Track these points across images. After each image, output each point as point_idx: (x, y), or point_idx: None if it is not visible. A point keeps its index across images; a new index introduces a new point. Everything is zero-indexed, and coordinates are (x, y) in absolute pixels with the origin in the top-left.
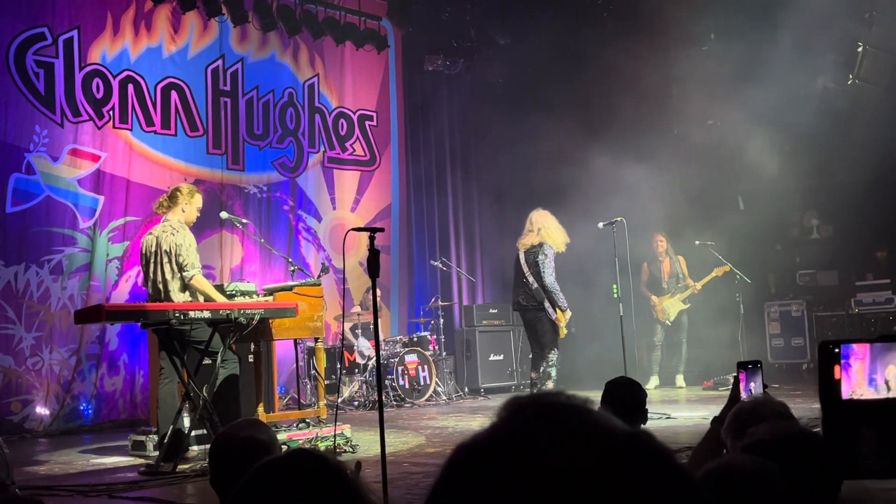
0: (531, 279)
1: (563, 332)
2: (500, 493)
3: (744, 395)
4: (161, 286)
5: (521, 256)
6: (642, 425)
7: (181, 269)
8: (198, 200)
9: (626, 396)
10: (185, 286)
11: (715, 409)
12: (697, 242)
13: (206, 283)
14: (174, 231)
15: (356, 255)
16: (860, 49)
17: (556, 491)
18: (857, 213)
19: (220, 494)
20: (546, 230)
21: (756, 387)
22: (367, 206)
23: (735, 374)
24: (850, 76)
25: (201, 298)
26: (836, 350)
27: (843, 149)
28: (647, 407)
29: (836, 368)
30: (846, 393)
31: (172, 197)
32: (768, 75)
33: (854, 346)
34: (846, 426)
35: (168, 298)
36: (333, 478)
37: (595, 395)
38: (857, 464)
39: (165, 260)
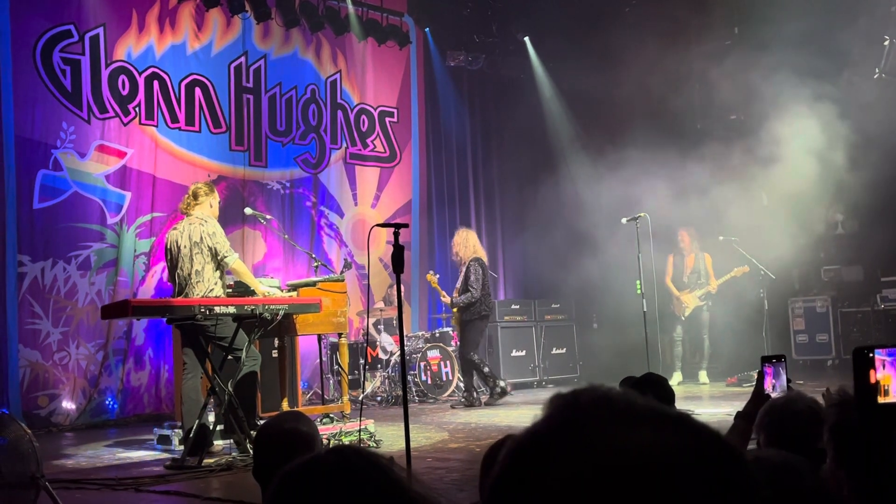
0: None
1: None
2: (567, 481)
3: (767, 390)
4: (185, 281)
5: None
6: None
7: (217, 255)
8: (216, 194)
9: (654, 395)
10: (219, 267)
11: (739, 406)
12: (721, 238)
13: (246, 268)
14: (203, 222)
15: (376, 251)
16: (886, 43)
17: (621, 472)
18: (882, 209)
19: (262, 485)
20: None
21: (780, 382)
22: (387, 202)
23: (759, 368)
24: (877, 70)
25: (222, 291)
26: (871, 355)
27: (869, 143)
28: (675, 404)
29: (872, 373)
30: (895, 392)
31: (195, 195)
32: (792, 70)
33: None
34: (883, 430)
35: (190, 293)
36: (378, 474)
37: None
38: (892, 467)
39: (196, 251)
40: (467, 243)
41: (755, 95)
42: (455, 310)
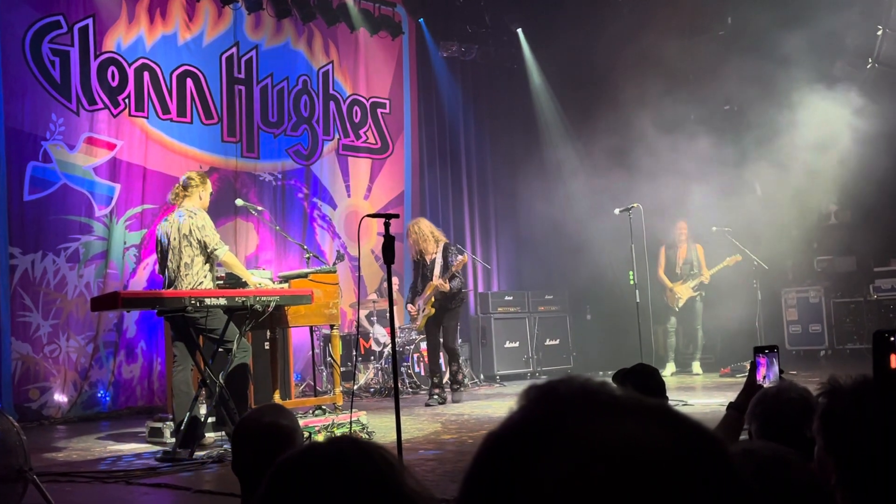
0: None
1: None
2: (552, 475)
3: (760, 381)
4: (174, 274)
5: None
6: None
7: (206, 247)
8: (209, 185)
9: (646, 385)
10: (209, 260)
11: (731, 396)
12: (714, 229)
13: (236, 260)
14: (192, 214)
15: (368, 242)
16: (879, 32)
17: (608, 466)
18: (875, 199)
19: (241, 479)
20: None
21: (773, 373)
22: (378, 193)
23: (752, 359)
24: (870, 59)
25: (211, 281)
26: (892, 339)
27: (862, 134)
28: (668, 395)
29: (893, 357)
30: None
31: (186, 186)
32: (785, 60)
33: None
34: None
35: (179, 286)
36: (375, 466)
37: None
38: None
39: (185, 243)
40: (425, 235)
41: (748, 86)
42: (429, 304)
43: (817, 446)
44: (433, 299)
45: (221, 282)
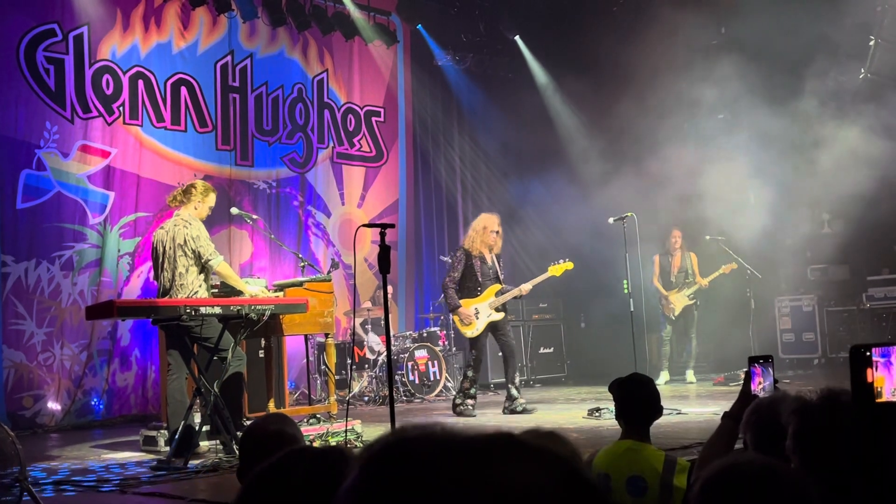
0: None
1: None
2: None
3: (755, 390)
4: (169, 283)
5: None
6: (655, 421)
7: (201, 258)
8: (211, 200)
9: (640, 395)
10: (203, 270)
11: (726, 405)
12: (708, 237)
13: (231, 270)
14: (187, 224)
15: (362, 251)
16: (872, 43)
17: None
18: (869, 208)
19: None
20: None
21: (767, 382)
22: (372, 202)
23: (746, 369)
24: (862, 70)
25: (207, 290)
26: (868, 353)
27: (855, 142)
28: (662, 404)
29: (869, 371)
30: (888, 391)
31: (187, 192)
32: (778, 69)
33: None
34: (881, 428)
35: (174, 296)
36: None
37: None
38: (890, 466)
39: (180, 253)
40: (500, 237)
41: (742, 95)
42: (494, 308)
43: (795, 464)
44: (500, 303)
45: (216, 290)
